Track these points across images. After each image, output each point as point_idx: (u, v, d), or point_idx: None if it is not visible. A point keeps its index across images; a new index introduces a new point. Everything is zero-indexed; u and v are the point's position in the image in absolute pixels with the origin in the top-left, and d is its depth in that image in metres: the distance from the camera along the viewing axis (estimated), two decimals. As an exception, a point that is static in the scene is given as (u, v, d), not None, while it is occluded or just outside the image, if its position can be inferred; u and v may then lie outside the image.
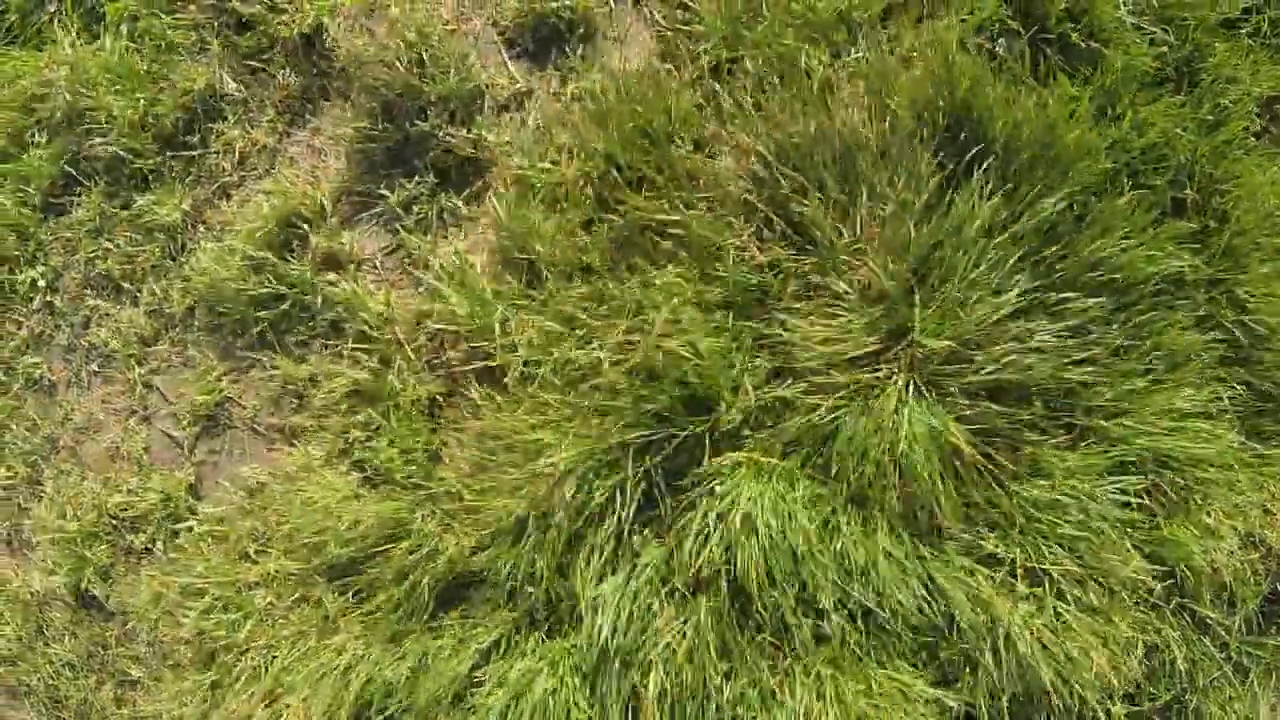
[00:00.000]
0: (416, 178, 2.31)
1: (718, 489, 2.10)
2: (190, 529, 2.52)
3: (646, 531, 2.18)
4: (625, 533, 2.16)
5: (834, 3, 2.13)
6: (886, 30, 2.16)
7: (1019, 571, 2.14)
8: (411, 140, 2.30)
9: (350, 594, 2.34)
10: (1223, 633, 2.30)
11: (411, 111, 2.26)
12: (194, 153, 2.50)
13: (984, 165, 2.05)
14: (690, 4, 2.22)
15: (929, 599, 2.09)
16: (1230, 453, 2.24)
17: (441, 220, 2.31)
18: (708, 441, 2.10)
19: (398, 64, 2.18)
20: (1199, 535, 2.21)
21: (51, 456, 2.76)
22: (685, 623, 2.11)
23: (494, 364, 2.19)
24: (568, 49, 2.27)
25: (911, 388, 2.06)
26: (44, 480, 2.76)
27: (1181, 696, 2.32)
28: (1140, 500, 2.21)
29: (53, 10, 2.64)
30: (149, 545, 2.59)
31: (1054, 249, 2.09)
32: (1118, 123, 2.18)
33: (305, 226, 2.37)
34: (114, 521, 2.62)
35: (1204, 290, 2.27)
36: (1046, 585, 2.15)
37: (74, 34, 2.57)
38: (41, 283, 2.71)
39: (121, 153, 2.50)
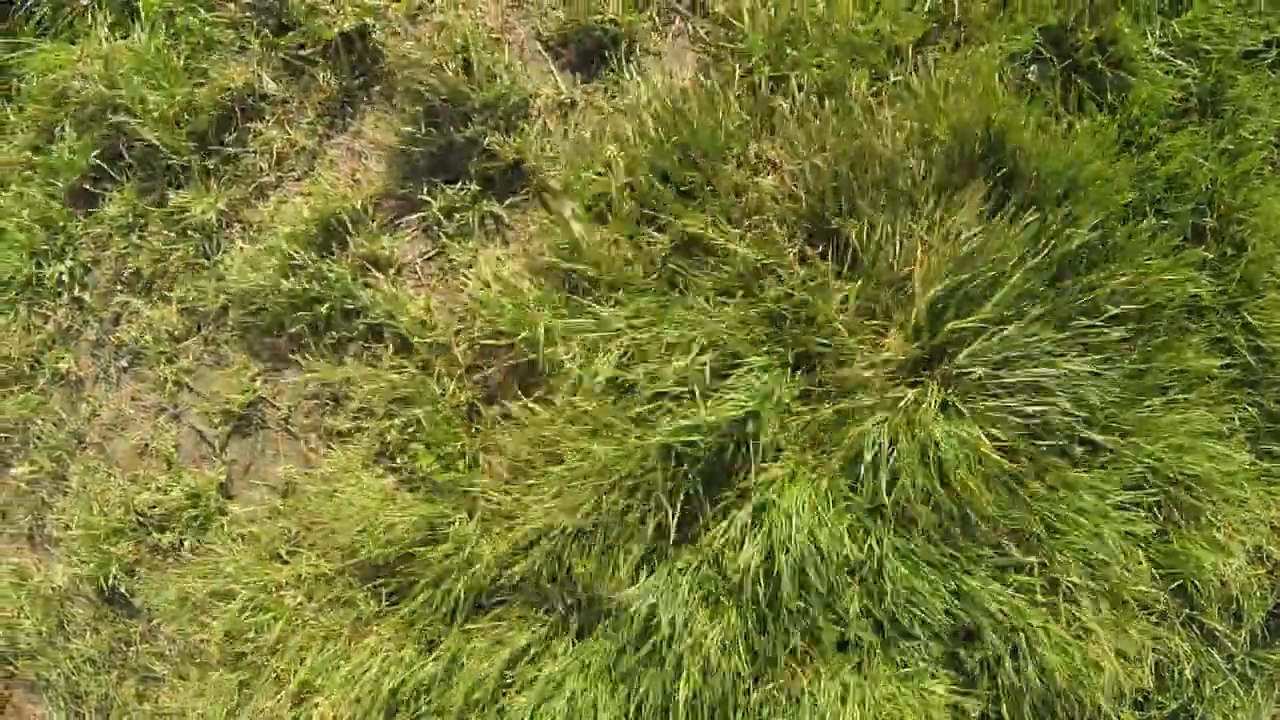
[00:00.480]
0: (459, 184, 2.30)
1: (754, 497, 2.15)
2: (221, 528, 2.51)
3: (682, 538, 2.21)
4: (660, 539, 2.20)
5: (874, 25, 2.19)
6: (924, 55, 2.21)
7: (1038, 582, 2.21)
8: (455, 147, 2.29)
9: (384, 596, 2.35)
10: (1229, 644, 2.39)
11: (456, 118, 2.26)
12: (231, 150, 2.48)
13: (1019, 192, 2.12)
14: (733, 21, 2.25)
15: (957, 605, 2.16)
16: (1241, 472, 2.32)
17: (483, 227, 2.32)
18: (746, 451, 2.14)
19: (446, 68, 2.19)
20: (1209, 550, 2.30)
21: (78, 452, 2.73)
22: (718, 626, 2.15)
23: (535, 372, 2.22)
24: (611, 62, 2.29)
25: (945, 404, 2.12)
26: (69, 476, 2.73)
27: (1189, 705, 2.40)
28: (1152, 515, 2.29)
29: (85, 3, 2.61)
30: (177, 544, 2.57)
31: (1083, 276, 2.16)
32: (1144, 152, 2.25)
33: (344, 229, 2.36)
34: (140, 519, 2.59)
35: (1219, 315, 2.35)
36: (1062, 595, 2.23)
37: (108, 28, 2.54)
38: (69, 278, 2.67)
39: (156, 147, 2.47)
